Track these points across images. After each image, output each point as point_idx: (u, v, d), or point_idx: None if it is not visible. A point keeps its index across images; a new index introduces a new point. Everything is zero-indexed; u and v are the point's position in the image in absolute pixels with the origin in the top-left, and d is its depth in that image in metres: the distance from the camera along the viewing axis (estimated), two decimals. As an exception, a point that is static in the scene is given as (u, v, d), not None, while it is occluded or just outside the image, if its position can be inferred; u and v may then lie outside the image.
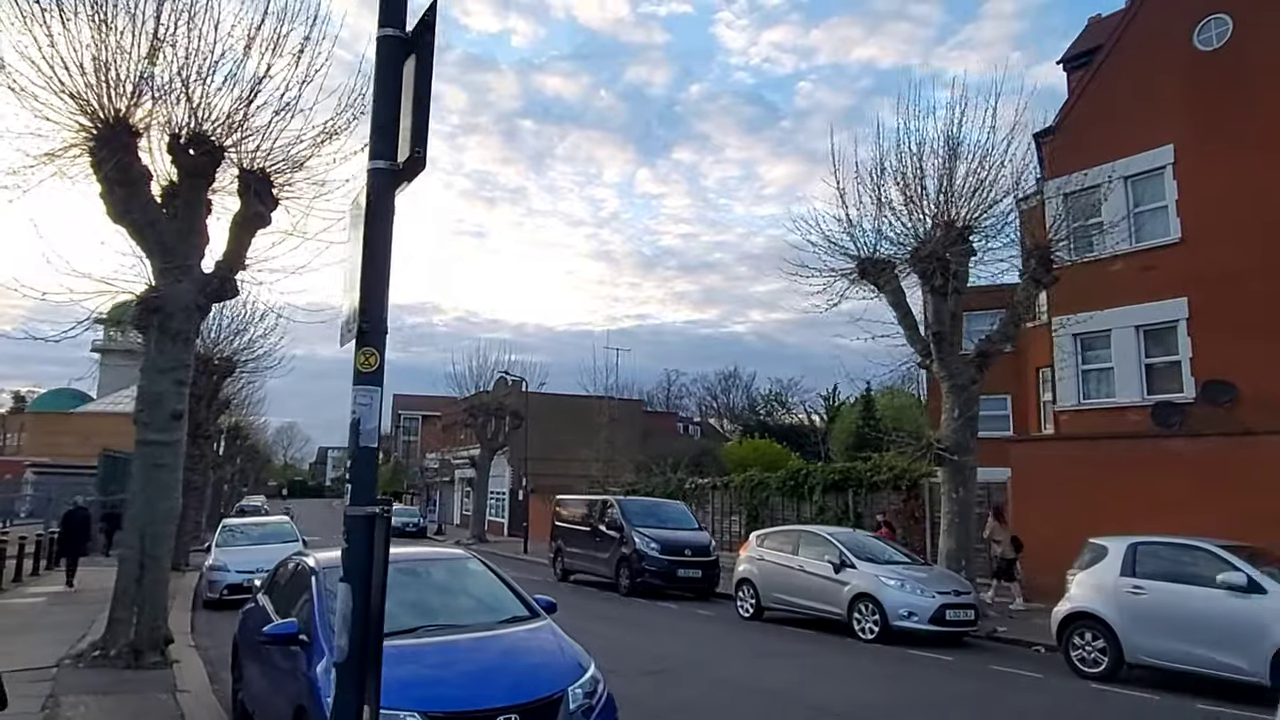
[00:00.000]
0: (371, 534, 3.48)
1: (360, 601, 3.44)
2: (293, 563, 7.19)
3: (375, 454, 3.60)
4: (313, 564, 6.54)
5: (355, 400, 3.44)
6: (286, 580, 7.07)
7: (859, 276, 15.41)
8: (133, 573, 9.21)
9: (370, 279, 3.27)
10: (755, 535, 14.88)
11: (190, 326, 9.81)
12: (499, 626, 5.99)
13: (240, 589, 15.65)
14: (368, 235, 3.21)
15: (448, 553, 7.44)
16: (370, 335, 3.43)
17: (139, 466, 9.49)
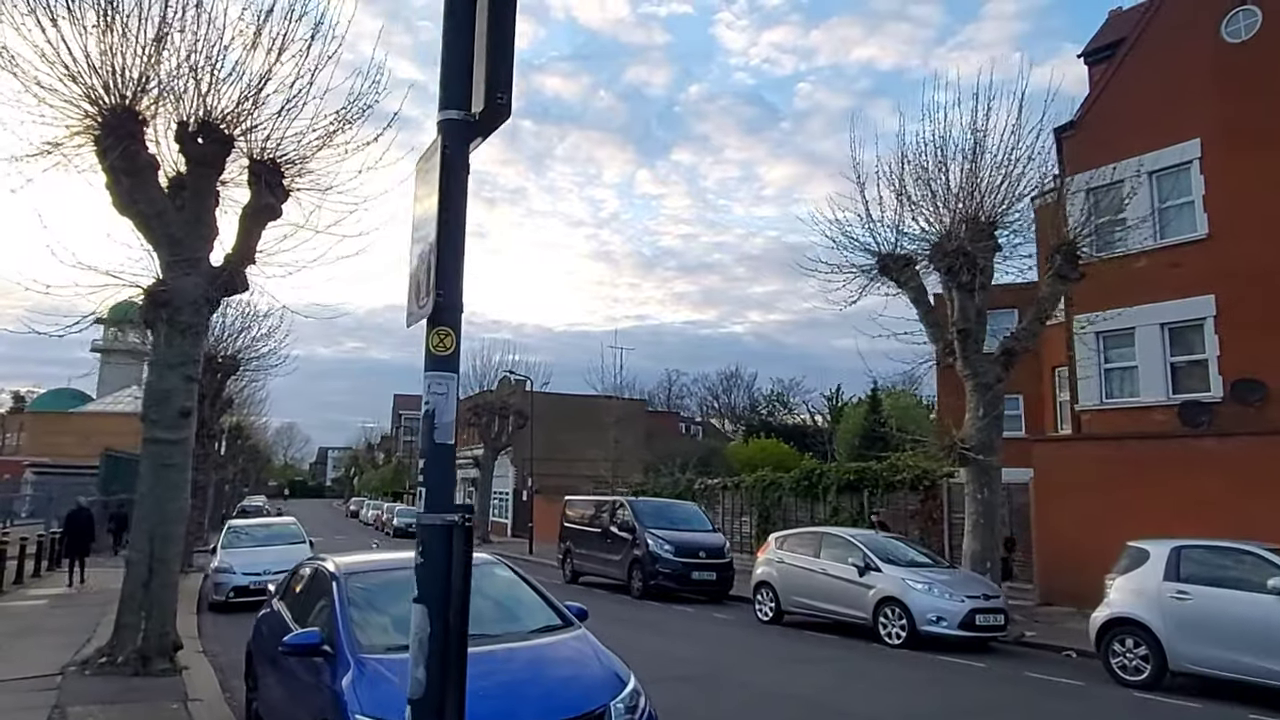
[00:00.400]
0: (450, 546, 3.08)
1: (439, 626, 3.03)
2: (310, 568, 6.86)
3: (452, 453, 3.21)
4: (332, 569, 6.22)
5: (429, 389, 3.09)
6: (304, 586, 6.73)
7: (879, 273, 15.11)
8: (140, 576, 8.87)
9: (444, 247, 2.90)
10: (774, 537, 14.54)
11: (199, 321, 9.48)
12: (531, 637, 5.66)
13: (247, 591, 15.34)
14: (441, 198, 2.83)
15: (474, 558, 7.11)
16: (446, 312, 3.07)
17: (147, 466, 9.16)
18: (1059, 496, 15.28)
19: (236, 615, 14.63)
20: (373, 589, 6.01)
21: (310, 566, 6.92)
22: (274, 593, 7.58)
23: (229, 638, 12.26)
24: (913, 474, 18.24)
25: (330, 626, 5.50)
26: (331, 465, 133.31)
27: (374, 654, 5.15)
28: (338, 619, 5.50)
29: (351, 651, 5.17)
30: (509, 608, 6.20)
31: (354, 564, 6.43)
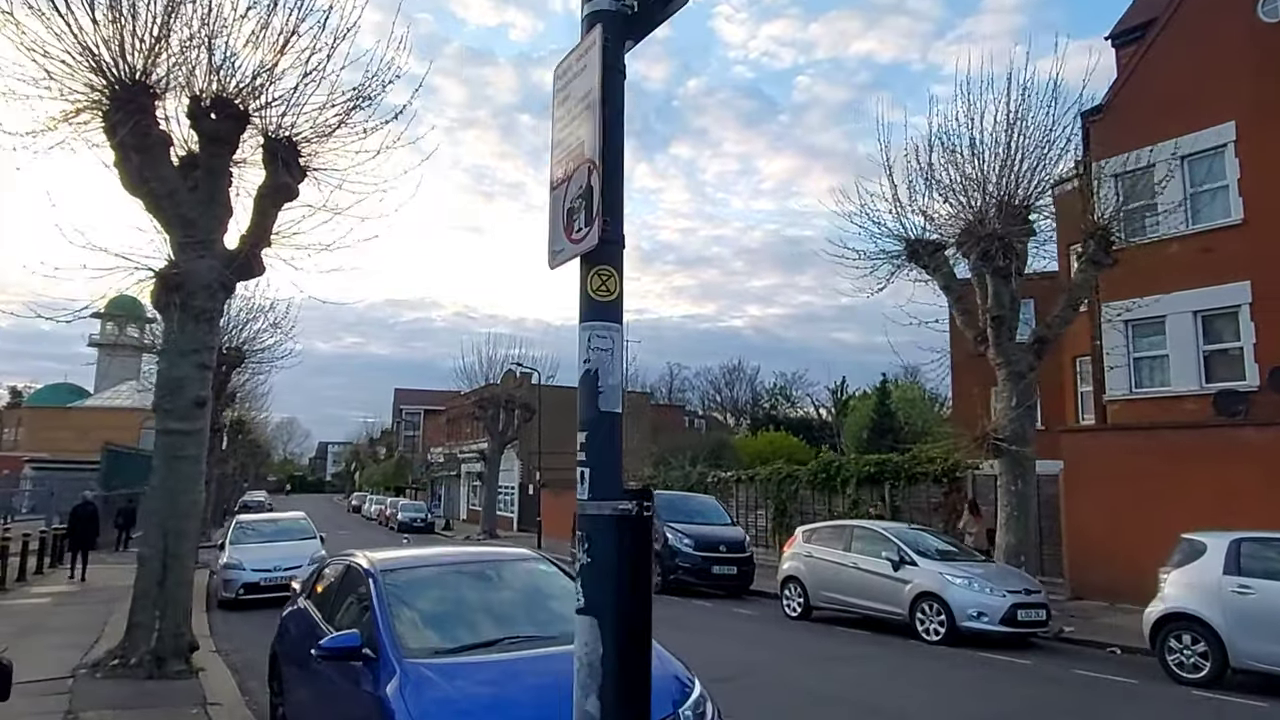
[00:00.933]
0: (622, 540, 2.45)
1: (615, 643, 2.40)
2: (339, 564, 6.45)
3: (618, 424, 2.66)
4: (366, 566, 5.81)
5: (590, 344, 2.60)
6: (333, 584, 6.32)
7: (907, 259, 14.70)
8: (154, 573, 8.46)
9: (608, 167, 2.41)
10: (802, 531, 14.15)
11: (213, 306, 9.05)
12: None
13: (257, 588, 14.94)
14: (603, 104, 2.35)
15: (513, 552, 6.69)
16: (608, 247, 2.58)
17: (160, 458, 8.73)
18: (1089, 488, 14.90)
19: (248, 613, 14.24)
20: (413, 587, 5.60)
21: (339, 563, 6.52)
22: (299, 591, 7.17)
23: (242, 636, 11.87)
24: (936, 466, 17.83)
25: (370, 628, 5.09)
26: (331, 460, 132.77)
27: (420, 658, 4.74)
28: (378, 620, 5.09)
29: (396, 656, 4.76)
30: (558, 607, 5.80)
31: (389, 560, 6.02)
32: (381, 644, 4.88)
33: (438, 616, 5.42)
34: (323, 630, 5.87)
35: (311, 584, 6.87)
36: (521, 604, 5.78)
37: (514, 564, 6.23)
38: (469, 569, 5.98)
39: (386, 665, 4.72)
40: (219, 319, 9.18)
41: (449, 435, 57.42)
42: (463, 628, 5.25)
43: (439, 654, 4.82)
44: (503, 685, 4.59)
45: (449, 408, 58.13)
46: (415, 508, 45.30)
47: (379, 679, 4.68)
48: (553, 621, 5.55)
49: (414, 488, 67.03)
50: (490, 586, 5.88)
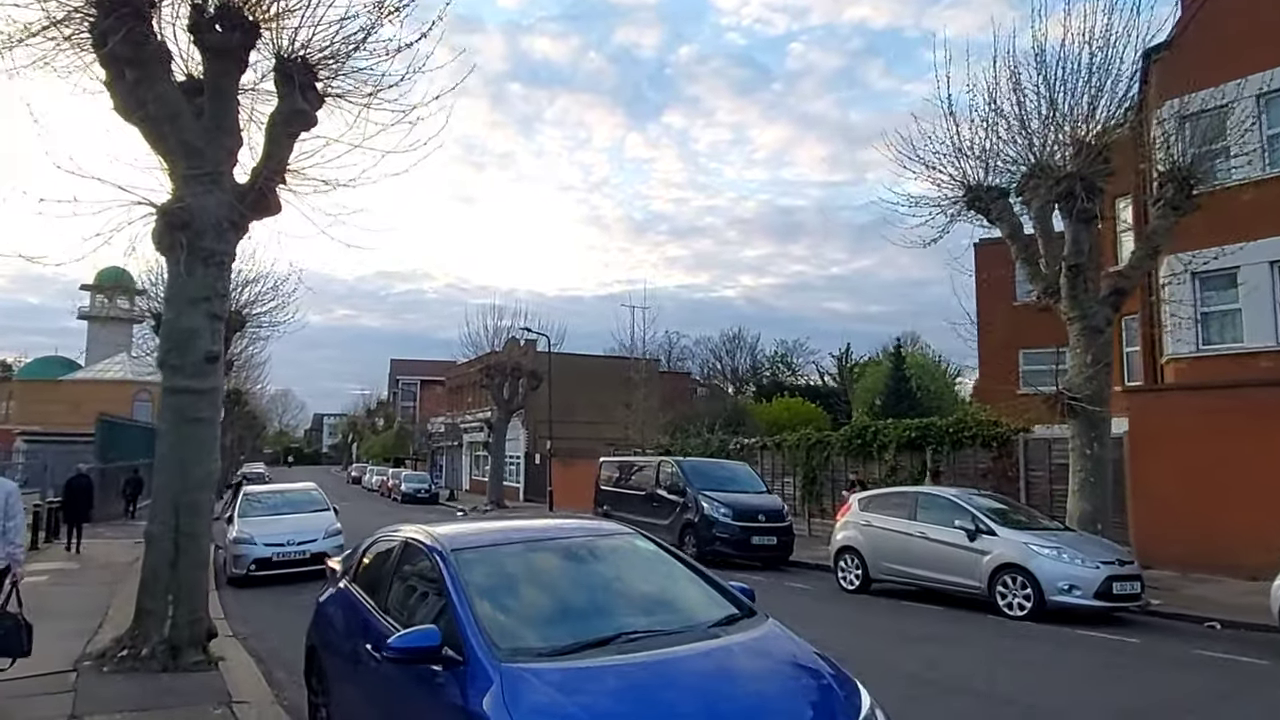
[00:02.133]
0: None
1: None
2: (392, 541, 5.39)
3: None
4: (431, 543, 4.76)
5: None
6: (387, 564, 5.26)
7: (967, 207, 13.59)
8: (165, 553, 7.41)
9: None
10: (857, 498, 13.17)
11: (224, 248, 7.90)
12: (713, 634, 4.19)
13: (269, 564, 13.95)
14: None
15: (605, 527, 5.62)
16: None
17: (168, 421, 7.64)
18: (1159, 451, 13.97)
19: (260, 590, 13.26)
20: (493, 569, 4.56)
21: (391, 539, 5.46)
22: (338, 572, 6.13)
23: (260, 617, 10.88)
24: (984, 430, 16.86)
25: (448, 622, 4.04)
26: (328, 432, 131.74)
27: (521, 662, 3.72)
28: (459, 612, 4.04)
29: (490, 659, 3.73)
30: (671, 592, 4.75)
31: (458, 536, 4.96)
32: (468, 643, 3.84)
33: (530, 607, 4.39)
34: (377, 621, 4.84)
35: (356, 564, 5.82)
36: (628, 591, 4.74)
37: (609, 540, 5.17)
38: (557, 547, 4.93)
39: (479, 671, 3.69)
40: (231, 262, 8.04)
41: (450, 405, 56.35)
42: (564, 621, 4.21)
43: (542, 656, 3.78)
44: (639, 699, 3.55)
45: (450, 377, 57.02)
46: (419, 478, 44.36)
47: (469, 688, 3.65)
48: (664, 612, 4.54)
49: (414, 459, 66.12)
50: (586, 569, 4.83)
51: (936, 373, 45.51)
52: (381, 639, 4.52)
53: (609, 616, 4.30)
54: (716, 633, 4.18)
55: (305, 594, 13.13)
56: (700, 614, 4.49)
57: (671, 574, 4.89)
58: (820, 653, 4.20)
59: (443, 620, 4.16)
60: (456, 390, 54.75)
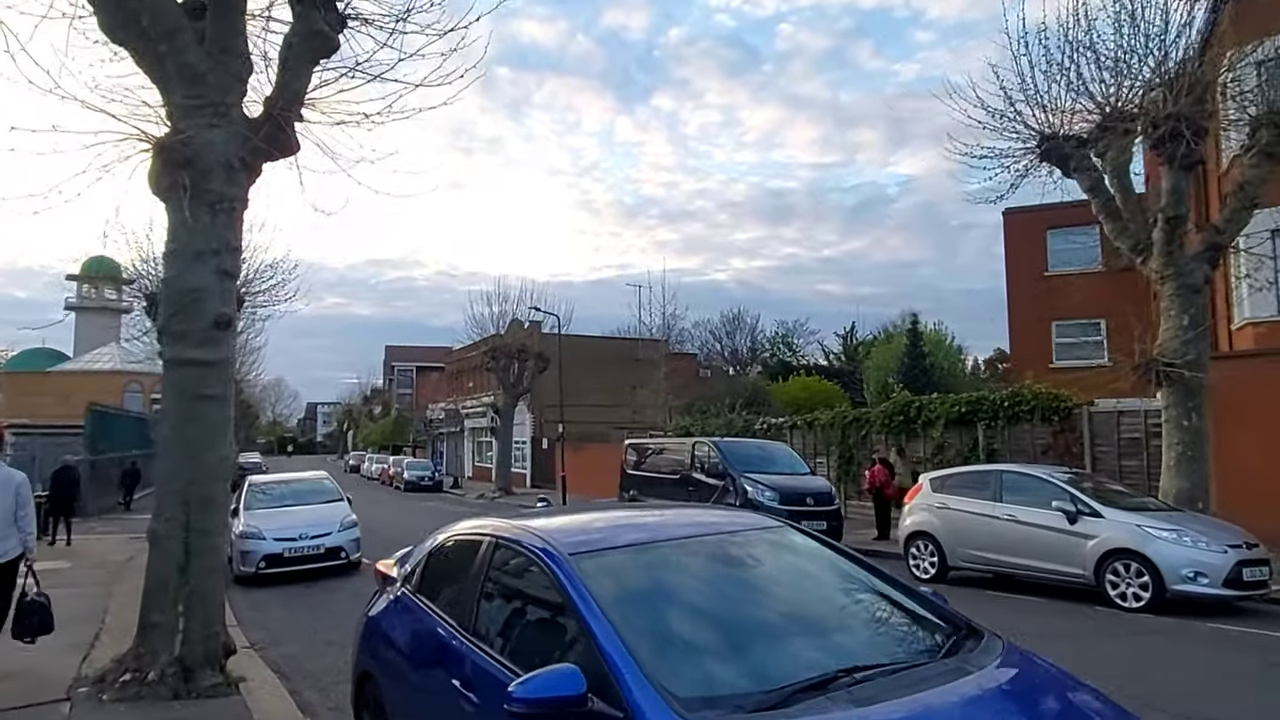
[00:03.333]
0: None
1: None
2: (475, 540, 4.18)
3: None
4: (537, 544, 3.57)
5: None
6: (471, 572, 4.05)
7: (1041, 159, 12.38)
8: (173, 555, 6.19)
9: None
10: (928, 478, 12.04)
11: (234, 191, 6.64)
12: (964, 668, 2.99)
13: (281, 560, 12.75)
14: None
15: (743, 518, 4.40)
16: None
17: (172, 400, 6.40)
18: (1247, 422, 12.88)
19: (271, 590, 12.04)
20: (629, 579, 3.38)
21: (469, 537, 4.27)
22: (396, 578, 4.92)
23: (276, 622, 9.68)
24: (1043, 403, 15.74)
25: (589, 658, 2.86)
26: (322, 421, 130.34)
27: (699, 712, 2.55)
28: (607, 645, 2.86)
29: (665, 713, 2.55)
30: (867, 608, 3.56)
31: (569, 533, 3.75)
32: (627, 691, 2.66)
33: (700, 633, 3.18)
34: (468, 651, 3.64)
35: (420, 569, 4.62)
36: (815, 605, 3.55)
37: (760, 535, 3.96)
38: (702, 546, 3.73)
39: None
40: (242, 211, 6.77)
41: (451, 390, 55.02)
42: (752, 653, 3.02)
43: (744, 709, 2.60)
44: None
45: (450, 362, 55.73)
46: (422, 466, 43.10)
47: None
48: (878, 636, 3.36)
49: (413, 446, 64.85)
50: (749, 576, 3.64)
51: (950, 350, 44.43)
52: (485, 680, 3.34)
53: (811, 645, 3.12)
54: (963, 666, 3.00)
55: (320, 593, 12.00)
56: (921, 636, 3.33)
57: (855, 579, 3.71)
58: (1084, 682, 3.09)
59: (574, 653, 2.98)
60: (457, 375, 53.44)
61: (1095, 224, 25.56)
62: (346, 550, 13.28)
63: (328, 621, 9.49)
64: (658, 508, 5.31)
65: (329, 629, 9.08)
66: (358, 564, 13.50)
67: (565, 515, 4.93)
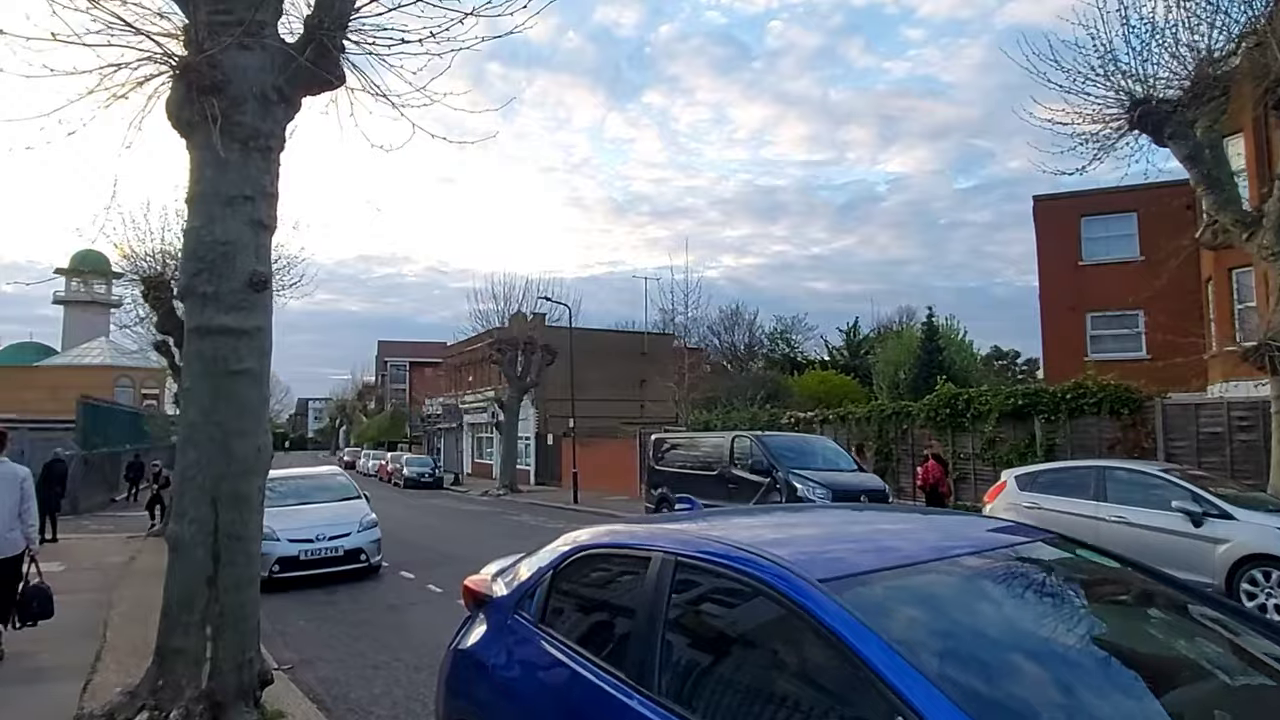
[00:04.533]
0: None
1: None
2: (634, 556, 3.07)
3: None
4: (767, 566, 2.49)
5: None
6: (639, 604, 2.93)
7: (1130, 127, 11.34)
8: (199, 565, 5.06)
9: None
10: (1014, 476, 10.98)
11: (270, 126, 5.50)
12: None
13: (297, 564, 11.61)
14: None
15: (1015, 530, 3.28)
16: None
17: (198, 376, 5.25)
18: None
19: (289, 598, 10.81)
20: (925, 619, 2.30)
21: (623, 552, 3.18)
22: (494, 597, 3.79)
23: (299, 637, 8.52)
24: (1110, 395, 14.73)
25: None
26: (313, 416, 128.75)
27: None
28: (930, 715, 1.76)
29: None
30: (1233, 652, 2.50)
31: (789, 547, 2.66)
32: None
33: (1038, 691, 2.10)
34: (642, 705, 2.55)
35: (542, 591, 3.49)
36: (1157, 646, 2.49)
37: (1033, 549, 2.89)
38: (988, 566, 2.65)
39: None
40: (279, 151, 5.63)
41: (449, 385, 53.76)
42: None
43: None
44: None
45: (448, 356, 54.45)
46: (422, 462, 41.86)
47: None
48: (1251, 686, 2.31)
49: (409, 442, 63.56)
50: (1068, 607, 2.57)
51: (963, 344, 43.59)
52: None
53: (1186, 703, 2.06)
54: None
55: (345, 601, 10.77)
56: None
57: (1189, 610, 2.64)
58: None
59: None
60: (457, 369, 52.15)
61: (1133, 211, 24.82)
62: (367, 553, 12.15)
63: (365, 637, 8.38)
64: (865, 511, 4.12)
65: (369, 646, 7.96)
66: (378, 568, 12.38)
67: (737, 520, 3.81)
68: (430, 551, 14.90)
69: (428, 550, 15.06)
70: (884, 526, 3.32)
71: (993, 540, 2.90)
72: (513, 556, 4.15)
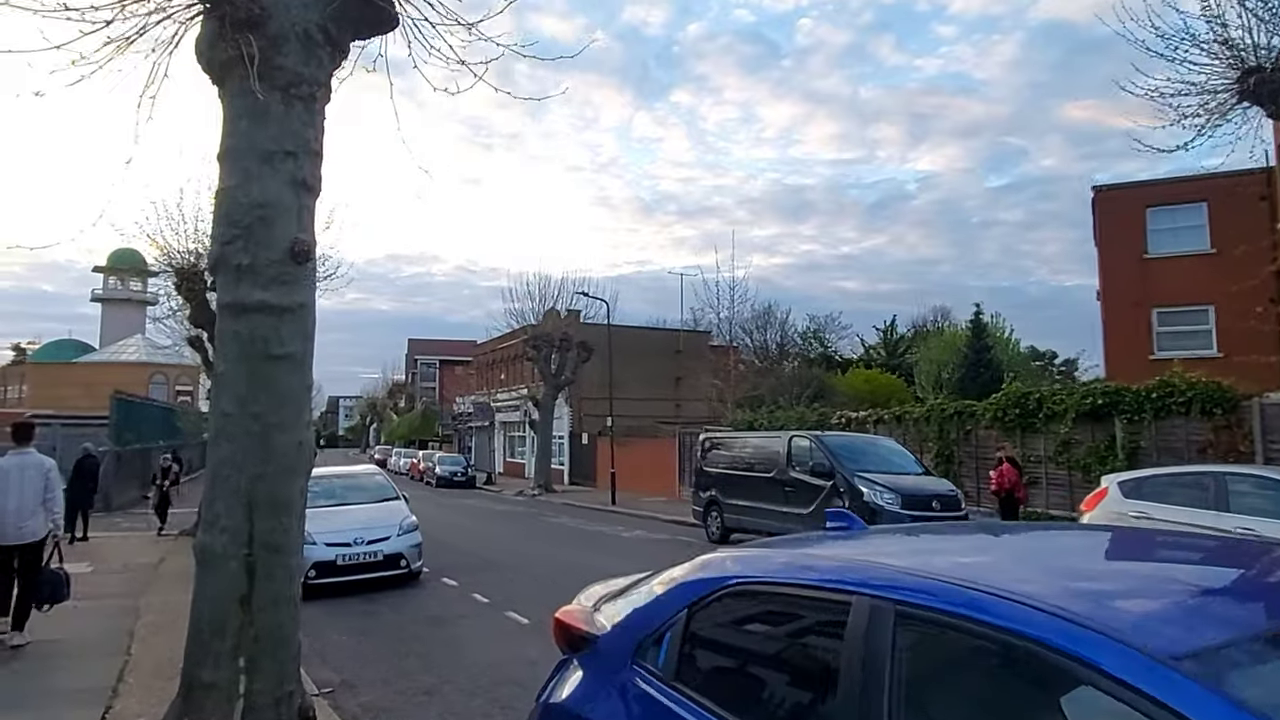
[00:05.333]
0: None
1: None
2: (812, 593, 2.21)
3: None
4: (1075, 633, 1.61)
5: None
6: (817, 659, 2.09)
7: (1240, 97, 10.31)
8: (232, 581, 4.31)
9: None
10: (1116, 482, 9.96)
11: (314, 72, 4.74)
12: None
13: (333, 568, 10.91)
14: None
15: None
16: None
17: (232, 361, 4.50)
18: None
19: (323, 606, 9.95)
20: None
21: (791, 591, 2.31)
22: (622, 644, 2.95)
23: (342, 654, 7.77)
24: (1202, 394, 13.62)
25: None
26: (344, 415, 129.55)
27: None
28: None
29: None
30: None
31: (1076, 599, 1.81)
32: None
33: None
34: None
35: (675, 639, 2.65)
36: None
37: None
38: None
39: None
40: (324, 103, 4.89)
41: (481, 383, 53.28)
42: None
43: None
44: None
45: (480, 353, 54.04)
46: (454, 461, 41.33)
47: None
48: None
49: (439, 440, 63.23)
50: None
51: (1011, 344, 42.25)
52: None
53: None
54: None
55: (387, 612, 9.90)
56: None
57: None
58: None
59: None
60: (489, 367, 51.68)
61: (1202, 201, 23.52)
62: (407, 558, 11.44)
63: (410, 654, 7.63)
64: (1074, 534, 3.20)
65: (415, 665, 7.21)
66: (419, 574, 11.67)
67: (937, 543, 2.95)
68: (471, 556, 14.17)
69: (468, 554, 14.34)
70: (1159, 560, 2.44)
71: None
72: (616, 581, 3.34)
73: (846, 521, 3.08)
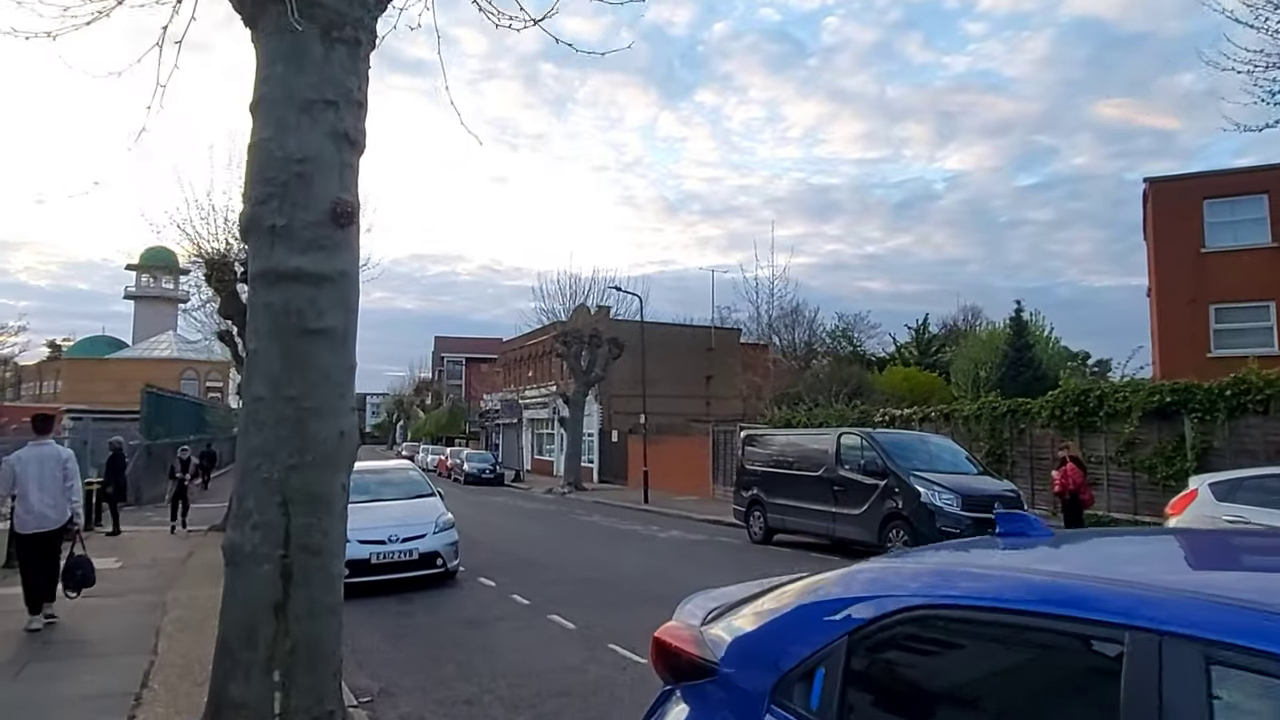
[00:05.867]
0: None
1: None
2: (1047, 623, 1.61)
3: None
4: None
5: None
6: (1042, 707, 1.49)
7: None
8: (265, 586, 3.79)
9: None
10: (1208, 484, 9.18)
11: (358, 13, 4.21)
12: None
13: (366, 567, 10.41)
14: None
15: None
16: None
17: (265, 336, 3.98)
18: None
19: (356, 607, 9.22)
20: None
21: (1023, 608, 1.72)
22: (755, 679, 2.36)
23: (378, 658, 7.26)
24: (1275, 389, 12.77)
25: None
26: (371, 411, 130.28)
27: None
28: None
29: None
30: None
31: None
32: None
33: None
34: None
35: (843, 676, 2.06)
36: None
37: None
38: None
39: None
40: (370, 49, 4.37)
41: (508, 380, 52.98)
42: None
43: None
44: None
45: (507, 350, 53.72)
46: (483, 458, 40.97)
47: None
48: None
49: (466, 437, 63.05)
50: None
51: (1052, 342, 41.08)
52: None
53: None
54: None
55: (422, 613, 9.32)
56: None
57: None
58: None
59: None
60: (516, 364, 51.34)
61: (1263, 193, 22.47)
62: (444, 557, 10.94)
63: (449, 660, 7.10)
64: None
65: (454, 672, 6.68)
66: (455, 574, 11.18)
67: (1132, 554, 2.34)
68: (506, 555, 13.67)
69: (503, 553, 13.84)
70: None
71: None
72: (726, 592, 2.76)
73: (1022, 523, 2.46)
